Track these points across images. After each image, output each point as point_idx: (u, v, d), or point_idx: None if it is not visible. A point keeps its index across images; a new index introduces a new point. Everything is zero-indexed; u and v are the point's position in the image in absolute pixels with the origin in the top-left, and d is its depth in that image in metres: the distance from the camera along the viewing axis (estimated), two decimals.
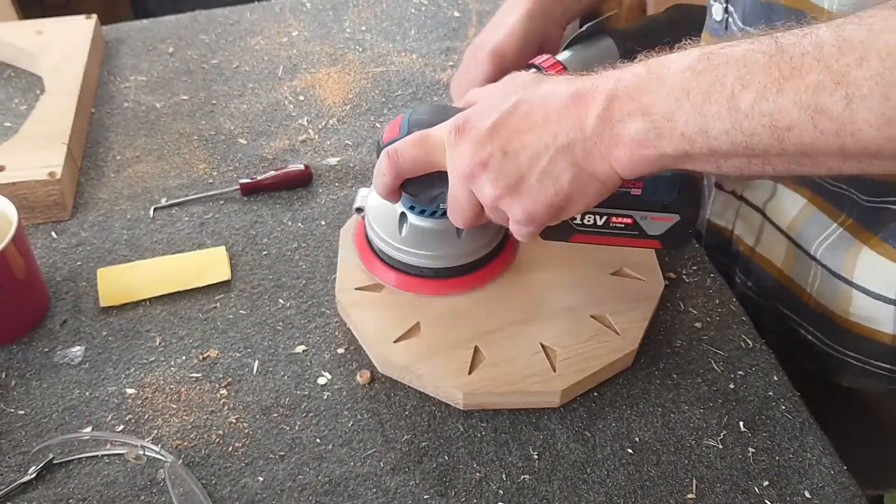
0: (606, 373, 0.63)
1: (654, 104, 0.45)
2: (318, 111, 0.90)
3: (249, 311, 0.69)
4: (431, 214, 0.63)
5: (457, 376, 0.60)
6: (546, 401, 0.61)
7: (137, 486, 0.57)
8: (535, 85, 0.52)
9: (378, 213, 0.66)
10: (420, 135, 0.55)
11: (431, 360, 0.62)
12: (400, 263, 0.66)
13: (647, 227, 0.60)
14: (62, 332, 0.68)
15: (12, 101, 0.92)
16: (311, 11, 1.06)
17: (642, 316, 0.65)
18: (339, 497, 0.57)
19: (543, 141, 0.49)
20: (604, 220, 0.60)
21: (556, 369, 0.61)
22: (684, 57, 0.45)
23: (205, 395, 0.63)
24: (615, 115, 0.47)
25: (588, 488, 0.57)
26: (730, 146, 0.44)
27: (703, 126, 0.44)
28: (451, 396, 0.61)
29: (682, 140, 0.45)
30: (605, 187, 0.50)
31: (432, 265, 0.65)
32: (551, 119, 0.49)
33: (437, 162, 0.55)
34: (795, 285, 0.70)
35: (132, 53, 0.99)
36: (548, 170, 0.49)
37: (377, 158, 0.58)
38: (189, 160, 0.84)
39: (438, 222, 0.63)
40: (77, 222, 0.78)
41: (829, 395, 0.72)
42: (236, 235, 0.76)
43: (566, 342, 0.63)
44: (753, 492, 0.57)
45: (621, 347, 0.62)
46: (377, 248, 0.67)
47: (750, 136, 0.43)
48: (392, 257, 0.66)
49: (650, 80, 0.46)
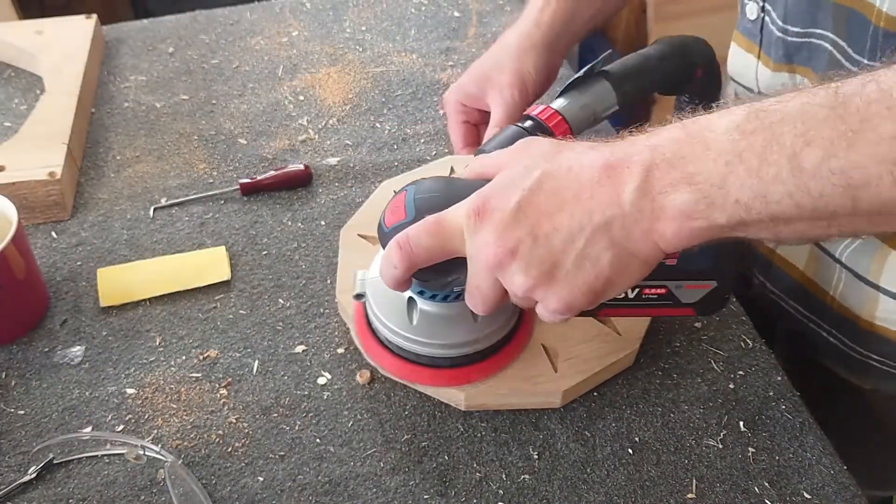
0: (608, 373, 0.63)
1: (700, 171, 0.42)
2: (318, 111, 0.90)
3: (249, 311, 0.69)
4: (444, 299, 0.58)
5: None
6: (548, 401, 0.61)
7: (137, 486, 0.57)
8: (555, 155, 0.47)
9: (383, 298, 0.60)
10: (434, 221, 0.49)
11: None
12: (412, 354, 0.60)
13: (682, 295, 0.56)
14: (62, 332, 0.68)
15: (12, 101, 0.92)
16: (311, 11, 1.06)
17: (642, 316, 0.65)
18: (339, 497, 0.57)
19: (577, 221, 0.44)
20: (636, 293, 0.56)
21: (557, 370, 0.61)
22: (729, 116, 0.42)
23: (205, 395, 0.63)
24: (656, 187, 0.43)
25: (588, 488, 0.57)
26: (794, 210, 0.40)
27: (762, 191, 0.40)
28: (453, 398, 0.61)
29: (738, 208, 0.41)
30: (647, 265, 0.46)
31: (447, 354, 0.59)
32: (583, 196, 0.44)
33: (456, 249, 0.49)
34: (818, 288, 0.69)
35: (132, 53, 0.99)
36: (585, 253, 0.45)
37: (381, 244, 0.53)
38: (189, 160, 0.84)
39: (452, 307, 0.58)
40: (77, 222, 0.78)
41: (842, 396, 0.72)
42: (236, 235, 0.76)
43: (567, 343, 0.62)
44: (753, 492, 0.57)
45: (622, 347, 0.62)
46: (384, 338, 0.61)
47: (818, 197, 0.39)
48: (402, 348, 0.60)
49: (692, 144, 0.42)
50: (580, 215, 0.44)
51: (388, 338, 0.60)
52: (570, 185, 0.45)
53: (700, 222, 0.43)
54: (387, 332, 0.60)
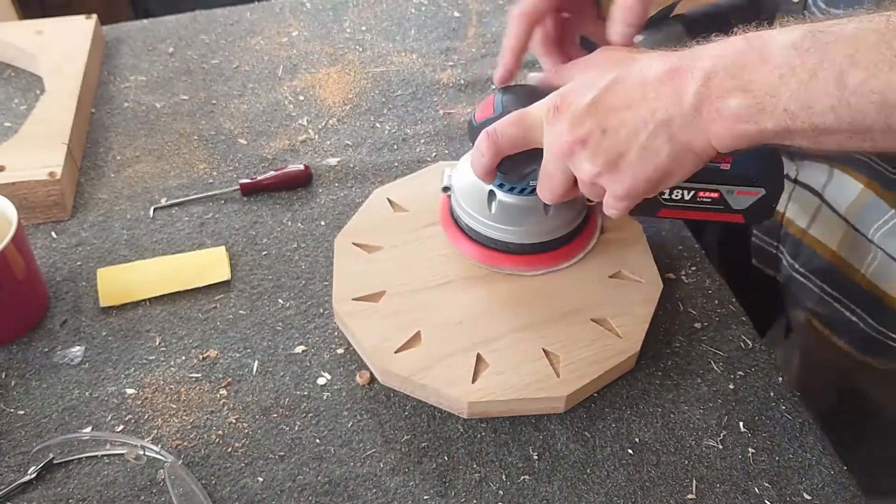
0: (610, 376, 0.62)
1: (755, 80, 0.46)
2: (318, 111, 0.90)
3: (249, 311, 0.69)
4: (521, 192, 0.64)
5: (460, 385, 0.60)
6: (551, 407, 0.61)
7: (137, 487, 0.57)
8: (629, 61, 0.52)
9: (466, 191, 0.67)
10: (518, 114, 0.56)
11: (434, 370, 0.61)
12: (488, 240, 0.67)
13: (733, 201, 0.61)
14: (62, 332, 0.68)
15: (12, 101, 0.92)
16: (311, 11, 1.06)
17: (643, 318, 0.65)
18: (339, 497, 0.57)
19: (642, 117, 0.50)
20: (691, 195, 0.61)
21: (559, 375, 0.61)
22: (788, 34, 0.46)
23: (205, 395, 0.63)
24: (714, 91, 0.47)
25: (588, 489, 0.57)
26: (834, 122, 0.44)
27: (808, 103, 0.44)
28: (456, 406, 0.61)
29: (785, 116, 0.45)
30: (700, 160, 0.51)
31: (521, 241, 0.66)
32: (649, 95, 0.49)
33: (535, 139, 0.56)
34: (849, 266, 0.71)
35: (132, 53, 0.99)
36: (647, 145, 0.50)
37: (470, 139, 0.60)
38: (189, 160, 0.84)
39: (528, 199, 0.64)
40: (77, 222, 0.78)
41: (858, 379, 0.73)
42: (236, 235, 0.76)
43: (568, 347, 0.62)
44: (753, 492, 0.57)
45: (624, 350, 0.62)
46: (465, 224, 0.68)
47: (857, 112, 0.43)
48: (481, 234, 0.67)
49: (751, 56, 0.46)
50: (645, 112, 0.50)
51: (468, 224, 0.68)
52: (638, 86, 0.50)
53: (750, 126, 0.47)
54: (469, 219, 0.67)
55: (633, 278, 0.68)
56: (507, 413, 0.61)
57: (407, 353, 0.62)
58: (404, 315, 0.64)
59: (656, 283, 0.68)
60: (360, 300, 0.66)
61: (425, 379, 0.60)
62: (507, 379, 0.60)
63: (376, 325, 0.64)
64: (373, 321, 0.64)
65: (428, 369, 0.61)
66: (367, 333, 0.63)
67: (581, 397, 0.62)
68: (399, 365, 0.61)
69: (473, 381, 0.60)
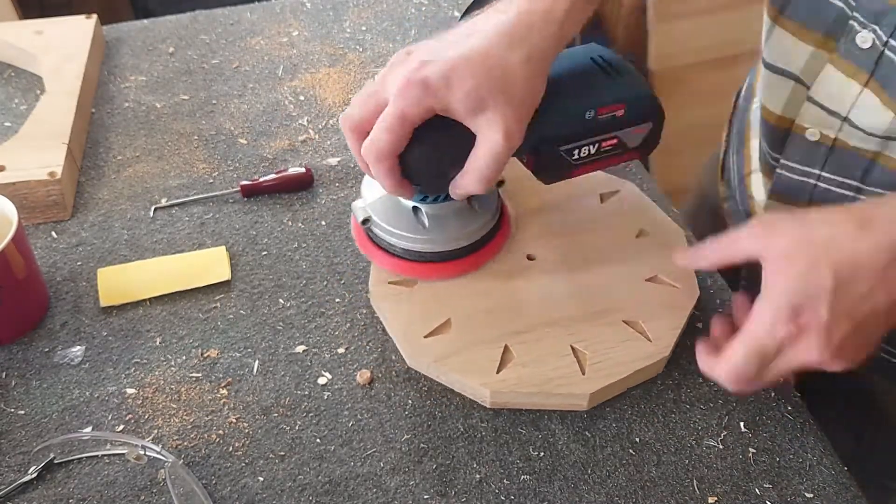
0: (636, 378, 0.62)
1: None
2: (318, 111, 0.90)
3: (249, 311, 0.69)
4: (444, 199, 0.64)
5: (485, 374, 0.60)
6: (573, 403, 0.61)
7: (138, 487, 0.57)
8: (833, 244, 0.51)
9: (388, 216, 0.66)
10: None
11: (460, 357, 0.62)
12: (427, 255, 0.66)
13: (629, 140, 0.64)
14: (62, 332, 0.68)
15: (12, 101, 0.92)
16: (311, 11, 1.06)
17: (675, 324, 0.64)
18: (339, 497, 0.57)
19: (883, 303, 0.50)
20: (596, 148, 0.63)
21: (584, 372, 0.61)
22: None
23: (205, 395, 0.63)
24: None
25: (588, 489, 0.57)
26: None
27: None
28: (479, 394, 0.61)
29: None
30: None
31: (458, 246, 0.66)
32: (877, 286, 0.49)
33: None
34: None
35: (132, 53, 0.99)
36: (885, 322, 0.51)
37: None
38: (189, 160, 0.84)
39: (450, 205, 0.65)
40: (77, 222, 0.78)
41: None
42: (236, 235, 0.76)
43: (596, 346, 0.62)
44: (754, 492, 0.57)
45: (652, 354, 0.62)
46: (401, 249, 0.66)
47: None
48: (416, 251, 0.66)
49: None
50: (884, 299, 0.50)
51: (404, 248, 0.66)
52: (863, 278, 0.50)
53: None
54: (401, 241, 0.66)
55: (669, 283, 0.67)
56: (529, 406, 0.61)
57: (436, 338, 0.63)
58: (436, 301, 0.66)
59: (693, 290, 0.67)
60: (394, 284, 0.67)
61: (451, 365, 0.61)
62: (533, 372, 0.61)
63: (408, 309, 0.65)
64: (406, 306, 0.65)
65: (455, 356, 0.62)
66: (399, 317, 0.65)
67: (605, 397, 0.62)
68: (427, 350, 0.62)
69: (498, 371, 0.61)
